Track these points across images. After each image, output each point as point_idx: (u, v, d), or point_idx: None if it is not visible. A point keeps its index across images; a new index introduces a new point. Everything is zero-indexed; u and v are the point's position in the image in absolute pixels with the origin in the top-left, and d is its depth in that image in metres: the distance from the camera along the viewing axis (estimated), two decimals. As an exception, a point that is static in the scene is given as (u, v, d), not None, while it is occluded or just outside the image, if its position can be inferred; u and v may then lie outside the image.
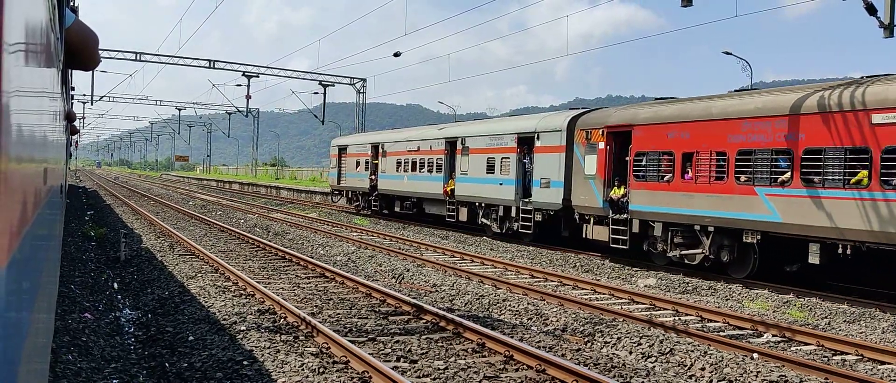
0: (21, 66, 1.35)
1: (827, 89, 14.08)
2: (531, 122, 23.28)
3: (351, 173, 36.69)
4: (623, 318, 11.12)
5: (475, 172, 25.16)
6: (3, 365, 1.19)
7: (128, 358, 8.77)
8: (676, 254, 16.80)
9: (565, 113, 21.97)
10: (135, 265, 16.12)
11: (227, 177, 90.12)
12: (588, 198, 19.28)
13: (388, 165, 32.04)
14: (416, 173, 29.56)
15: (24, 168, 1.51)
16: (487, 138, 24.83)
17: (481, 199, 24.79)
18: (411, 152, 30.08)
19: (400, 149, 31.31)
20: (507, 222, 23.59)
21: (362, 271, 16.05)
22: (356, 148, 36.43)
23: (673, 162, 16.81)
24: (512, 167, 23.25)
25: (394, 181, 31.56)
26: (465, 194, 25.84)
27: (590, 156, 19.32)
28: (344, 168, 37.57)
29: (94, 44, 3.93)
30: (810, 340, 10.25)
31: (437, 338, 9.54)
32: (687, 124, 16.62)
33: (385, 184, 32.46)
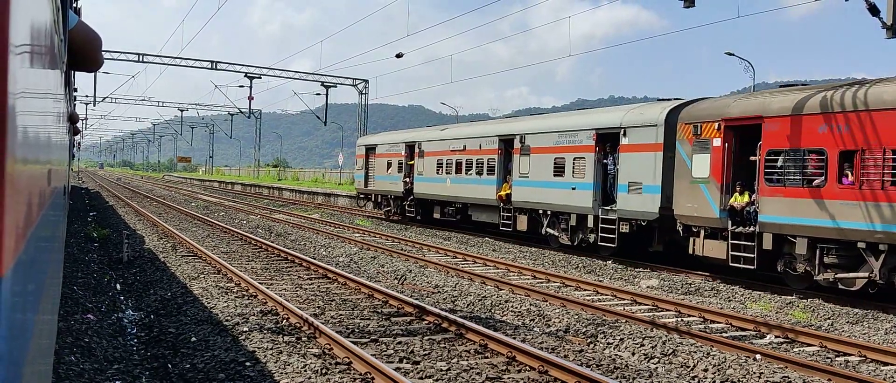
0: (26, 67, 1.36)
1: None
2: (614, 116, 19.94)
3: (380, 175, 33.30)
4: (625, 319, 11.11)
5: (539, 175, 21.88)
6: (10, 366, 1.20)
7: (130, 359, 8.78)
8: (828, 278, 13.73)
9: (661, 104, 18.81)
10: (137, 266, 16.14)
11: (230, 179, 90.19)
12: (697, 207, 16.10)
13: (426, 167, 28.92)
14: (461, 176, 26.44)
15: (29, 169, 1.52)
16: (555, 135, 21.48)
17: (547, 206, 21.51)
18: (455, 152, 26.89)
19: (441, 148, 28.15)
20: (581, 233, 20.30)
21: (364, 272, 16.05)
22: (387, 147, 33.07)
23: (825, 162, 13.77)
24: (589, 169, 19.95)
25: (433, 184, 28.44)
26: (524, 200, 22.57)
27: (700, 155, 16.20)
28: (372, 170, 34.31)
29: (98, 45, 3.93)
30: (813, 341, 10.23)
31: (440, 339, 9.54)
32: (847, 114, 13.45)
33: (422, 187, 29.31)
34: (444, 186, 27.62)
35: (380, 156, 33.59)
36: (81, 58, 3.85)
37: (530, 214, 22.57)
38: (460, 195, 26.54)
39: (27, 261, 1.53)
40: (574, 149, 20.66)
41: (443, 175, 27.71)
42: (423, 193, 29.30)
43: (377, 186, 33.77)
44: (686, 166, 16.60)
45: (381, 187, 33.29)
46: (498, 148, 24.57)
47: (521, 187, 22.85)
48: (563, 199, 20.87)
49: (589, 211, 19.87)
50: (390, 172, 32.14)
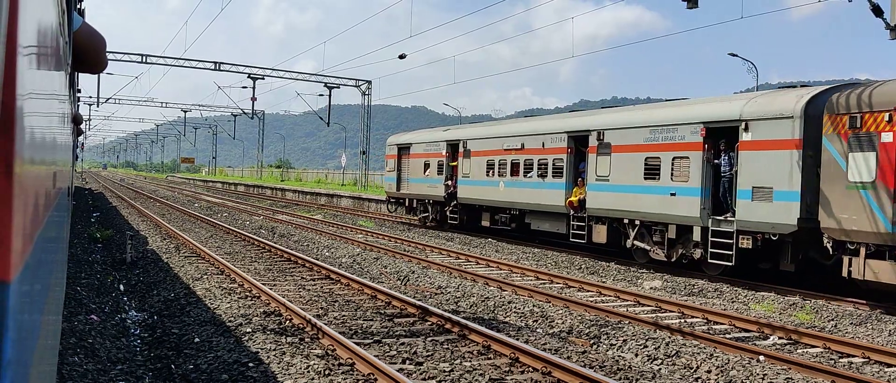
0: (32, 69, 1.36)
1: None
2: (730, 107, 16.39)
3: (416, 178, 30.11)
4: (629, 320, 11.10)
5: (623, 177, 18.66)
6: (17, 366, 1.20)
7: (134, 359, 8.79)
8: None
9: (795, 91, 15.53)
10: (141, 267, 16.16)
11: (233, 179, 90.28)
12: (856, 219, 13.18)
13: (474, 168, 25.80)
14: (517, 179, 23.25)
15: (35, 171, 1.52)
16: (645, 131, 18.15)
17: (634, 215, 18.26)
18: (510, 151, 23.66)
19: (491, 147, 24.94)
20: (683, 247, 17.04)
21: (368, 273, 16.06)
22: (424, 147, 29.82)
23: None
24: (694, 170, 16.56)
25: (482, 188, 25.28)
26: (603, 207, 19.30)
27: (859, 153, 13.26)
28: (406, 172, 31.06)
29: (102, 47, 3.94)
30: (817, 342, 10.22)
31: (443, 340, 9.54)
32: None
33: (468, 191, 26.19)
34: (495, 190, 24.43)
35: (415, 156, 30.36)
36: (86, 59, 3.86)
37: (610, 224, 19.22)
38: (517, 200, 23.31)
39: (34, 263, 1.53)
40: (673, 146, 17.22)
41: (494, 177, 24.51)
42: (469, 198, 26.22)
43: (412, 190, 30.53)
44: (838, 168, 13.61)
45: (417, 191, 30.09)
46: (567, 146, 21.16)
47: (598, 192, 19.53)
48: (657, 207, 17.56)
49: (695, 221, 16.48)
50: (428, 174, 29.07)
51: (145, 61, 51.33)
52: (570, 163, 21.13)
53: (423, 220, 30.15)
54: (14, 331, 1.14)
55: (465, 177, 26.50)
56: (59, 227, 3.34)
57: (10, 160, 1.07)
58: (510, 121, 26.98)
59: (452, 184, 27.38)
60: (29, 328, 1.46)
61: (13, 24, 1.08)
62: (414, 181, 30.40)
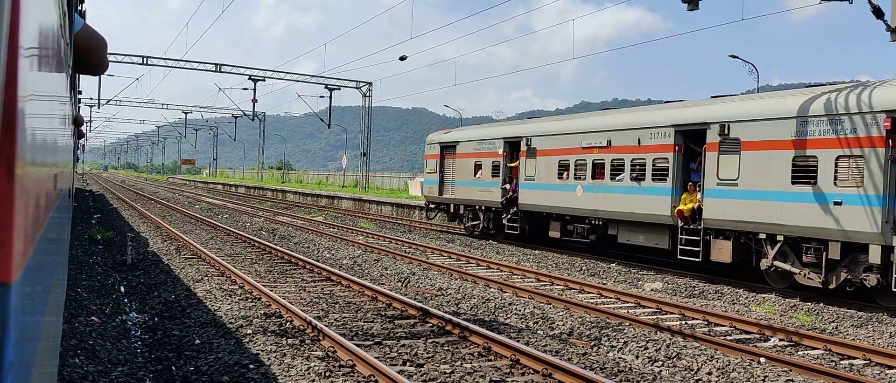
0: (34, 71, 1.36)
1: None
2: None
3: (463, 181, 26.60)
4: (629, 322, 11.10)
5: (759, 181, 15.11)
6: (19, 368, 1.20)
7: (134, 361, 8.79)
8: None
9: None
10: (141, 268, 16.17)
11: (234, 181, 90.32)
12: None
13: (541, 169, 22.29)
14: (601, 181, 19.75)
15: (37, 172, 1.52)
16: (793, 123, 14.52)
17: (777, 229, 14.74)
18: (591, 150, 20.16)
19: (565, 145, 21.43)
20: (847, 271, 13.65)
21: (368, 275, 16.06)
22: (474, 145, 26.12)
23: None
24: (873, 173, 13.08)
25: (552, 193, 21.73)
26: (729, 218, 15.77)
27: None
28: (451, 173, 27.59)
29: (103, 48, 3.95)
30: (817, 344, 10.21)
31: (443, 342, 9.54)
32: None
33: (533, 196, 22.69)
34: (570, 196, 20.87)
35: (463, 156, 26.69)
36: (86, 61, 3.86)
37: (737, 239, 15.78)
38: (600, 208, 19.73)
39: (35, 265, 1.54)
40: (836, 142, 13.73)
41: (568, 180, 21.03)
42: (534, 204, 22.67)
43: (458, 194, 26.97)
44: None
45: (465, 195, 26.55)
46: (674, 143, 17.49)
47: (722, 200, 15.95)
48: (812, 219, 14.04)
49: (871, 238, 13.02)
50: (480, 177, 25.53)
51: (146, 63, 51.35)
52: (678, 164, 17.48)
53: (472, 229, 26.65)
54: (15, 333, 1.14)
55: (528, 179, 22.94)
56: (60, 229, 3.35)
57: (11, 162, 1.07)
58: (590, 115, 22.22)
59: (512, 189, 23.81)
60: (30, 329, 1.46)
61: (14, 26, 1.08)
62: (461, 184, 26.79)
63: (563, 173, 21.43)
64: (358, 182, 63.25)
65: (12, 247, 1.07)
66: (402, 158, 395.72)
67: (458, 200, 27.15)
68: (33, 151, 1.40)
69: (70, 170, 6.28)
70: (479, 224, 26.05)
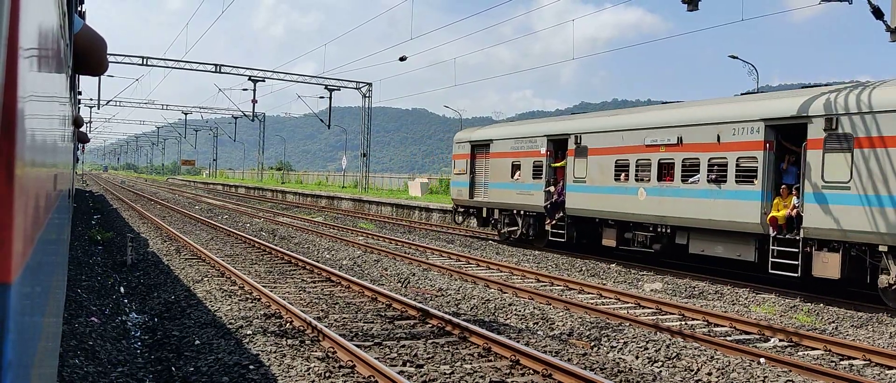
0: (33, 72, 1.37)
1: None
2: None
3: (499, 182, 24.24)
4: (629, 323, 11.10)
5: (879, 184, 13.06)
6: (18, 368, 1.20)
7: (134, 362, 8.79)
8: None
9: None
10: (141, 269, 16.17)
11: (233, 182, 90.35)
12: None
13: (594, 170, 20.00)
14: (669, 184, 17.43)
15: (37, 173, 1.52)
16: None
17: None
18: (657, 148, 17.86)
19: (623, 142, 19.15)
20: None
21: (368, 275, 16.06)
22: (512, 144, 23.75)
23: None
24: None
25: (608, 197, 19.44)
26: (836, 227, 13.70)
27: None
28: (483, 174, 25.38)
29: (103, 49, 3.95)
30: (817, 345, 10.21)
31: (443, 343, 9.54)
32: None
33: (584, 200, 20.28)
34: (630, 200, 18.57)
35: (498, 155, 24.33)
36: (86, 62, 3.87)
37: (847, 252, 13.60)
38: (669, 214, 17.43)
39: (34, 265, 1.54)
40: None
41: (627, 182, 18.74)
42: (585, 209, 20.29)
43: (492, 197, 24.63)
44: None
45: (501, 199, 24.18)
46: (764, 140, 15.32)
47: (827, 206, 13.83)
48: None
49: None
50: (520, 178, 23.15)
51: (146, 63, 51.35)
52: (769, 164, 15.31)
53: (507, 236, 24.22)
54: (15, 333, 1.14)
55: (578, 181, 20.55)
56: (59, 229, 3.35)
57: (10, 162, 1.08)
58: (654, 109, 19.90)
59: (557, 191, 21.47)
60: (30, 330, 1.46)
61: (14, 27, 1.08)
62: (496, 186, 24.40)
63: (620, 174, 19.09)
64: (358, 182, 63.27)
65: (12, 247, 1.07)
66: (402, 159, 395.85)
67: (492, 204, 24.71)
68: (33, 152, 1.41)
69: (70, 170, 6.28)
70: (516, 230, 23.55)
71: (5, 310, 1.07)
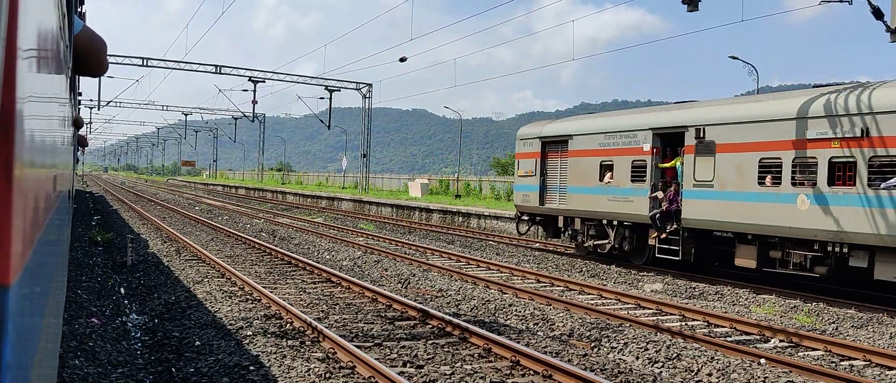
0: (33, 73, 1.36)
1: None
2: None
3: (581, 187, 20.34)
4: (629, 323, 11.10)
5: None
6: (17, 370, 1.20)
7: (134, 363, 8.79)
8: None
9: None
10: (141, 270, 16.16)
11: (234, 182, 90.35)
12: None
13: (725, 171, 15.93)
14: (845, 190, 13.68)
15: (36, 174, 1.52)
16: None
17: None
18: (826, 143, 14.04)
19: (772, 136, 15.08)
20: None
21: (368, 276, 16.06)
22: (599, 139, 19.77)
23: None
24: None
25: (748, 206, 15.37)
26: None
27: None
28: (556, 176, 21.45)
29: (103, 50, 3.95)
30: (818, 345, 10.21)
31: (444, 343, 9.54)
32: None
33: (709, 209, 16.33)
34: (783, 209, 14.71)
35: (581, 154, 20.46)
36: (86, 63, 3.86)
37: None
38: (848, 229, 13.58)
39: (34, 266, 1.54)
40: None
41: (780, 188, 14.82)
42: (711, 220, 16.32)
43: (573, 204, 20.65)
44: None
45: (584, 206, 20.20)
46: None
47: None
48: None
49: None
50: (612, 181, 19.21)
51: (146, 64, 51.35)
52: None
53: (592, 249, 20.31)
54: (14, 335, 1.14)
55: (701, 185, 16.56)
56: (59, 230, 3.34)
57: (9, 163, 1.07)
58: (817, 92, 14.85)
59: (668, 197, 17.54)
60: (29, 331, 1.46)
61: (13, 28, 1.08)
62: (577, 191, 20.45)
63: (766, 176, 15.16)
64: (358, 183, 63.28)
65: (11, 248, 1.07)
66: (402, 159, 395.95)
67: (572, 212, 20.68)
68: (32, 153, 1.40)
69: (70, 171, 6.28)
70: (605, 243, 19.62)
71: (4, 312, 1.06)
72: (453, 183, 53.23)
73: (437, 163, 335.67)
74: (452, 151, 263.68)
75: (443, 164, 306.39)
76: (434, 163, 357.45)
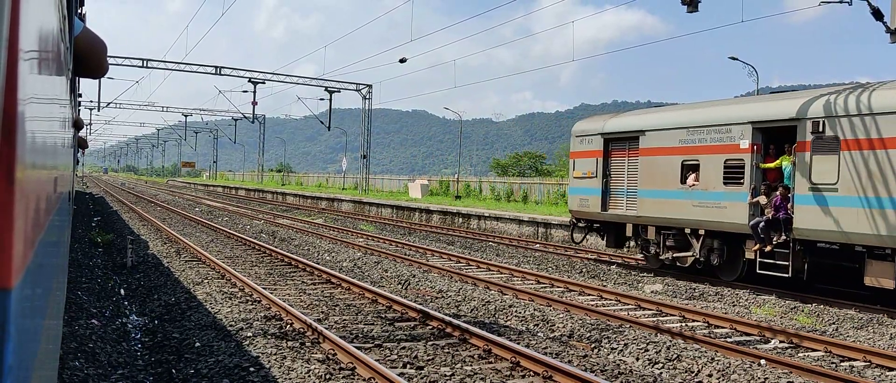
0: (34, 74, 1.37)
1: None
2: None
3: (656, 190, 17.59)
4: (630, 324, 11.09)
5: None
6: (18, 371, 1.20)
7: (134, 364, 8.79)
8: None
9: None
10: (141, 271, 16.16)
11: (234, 183, 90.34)
12: None
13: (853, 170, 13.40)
14: None
15: (37, 176, 1.52)
16: None
17: None
18: None
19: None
20: None
21: (368, 277, 16.05)
22: (681, 135, 16.97)
23: None
24: None
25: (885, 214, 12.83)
26: None
27: None
28: (623, 178, 18.78)
29: (103, 52, 3.95)
30: (818, 346, 10.21)
31: (444, 344, 9.54)
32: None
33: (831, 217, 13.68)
34: None
35: (657, 151, 17.66)
36: (87, 64, 3.87)
37: None
38: None
39: (35, 269, 1.54)
40: None
41: None
42: (837, 231, 13.62)
43: (646, 209, 17.92)
44: None
45: (661, 212, 17.47)
46: None
47: None
48: None
49: None
50: (697, 184, 16.54)
51: (146, 66, 51.36)
52: None
53: (671, 262, 17.46)
54: (15, 337, 1.14)
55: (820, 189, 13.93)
56: (60, 232, 3.35)
57: (11, 165, 1.07)
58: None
59: (773, 203, 14.78)
60: (30, 333, 1.46)
61: (14, 30, 1.08)
62: (652, 195, 17.71)
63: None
64: (358, 184, 63.28)
65: (12, 252, 1.07)
66: (402, 160, 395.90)
67: (645, 219, 17.94)
68: (33, 155, 1.41)
69: (70, 172, 6.28)
70: (688, 256, 16.87)
71: (6, 315, 1.07)
72: (453, 184, 53.24)
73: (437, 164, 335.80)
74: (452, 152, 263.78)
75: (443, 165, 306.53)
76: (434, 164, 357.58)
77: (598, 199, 19.38)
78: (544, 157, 71.87)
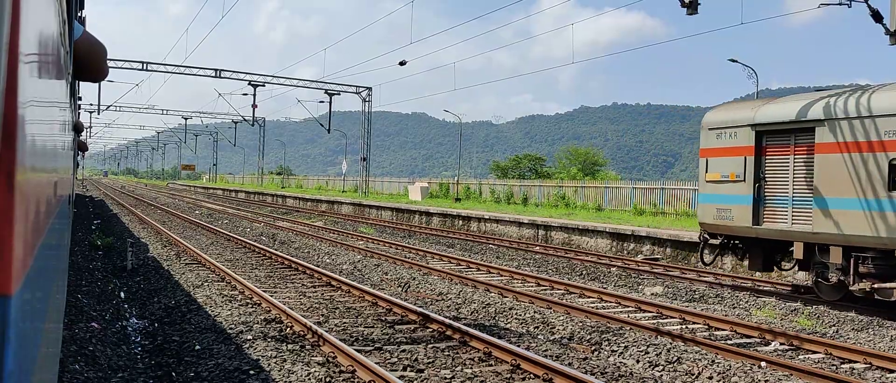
0: (34, 78, 1.37)
1: None
2: None
3: (841, 199, 13.30)
4: (630, 327, 11.09)
5: None
6: (19, 376, 1.20)
7: (134, 367, 8.78)
8: None
9: None
10: (141, 274, 16.15)
11: (234, 186, 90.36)
12: None
13: None
14: None
15: (37, 180, 1.52)
16: None
17: None
18: None
19: None
20: None
21: (368, 280, 16.05)
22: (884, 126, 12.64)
23: None
24: None
25: None
26: None
27: None
28: (788, 183, 14.51)
29: (103, 56, 3.96)
30: (818, 348, 10.20)
31: (444, 347, 9.53)
32: None
33: None
34: None
35: (841, 148, 13.41)
36: (87, 68, 3.87)
37: None
38: None
39: (35, 273, 1.54)
40: None
41: None
42: None
43: (829, 224, 13.55)
44: None
45: (854, 228, 13.11)
46: None
47: None
48: None
49: None
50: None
51: (146, 69, 51.38)
52: None
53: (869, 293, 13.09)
54: (15, 342, 1.14)
55: None
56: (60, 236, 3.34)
57: (11, 170, 1.07)
58: None
59: None
60: (30, 337, 1.46)
61: (14, 34, 1.08)
62: (837, 205, 13.41)
63: None
64: (358, 187, 63.29)
65: (12, 257, 1.07)
66: (401, 163, 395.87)
67: (828, 237, 13.64)
68: (34, 159, 1.41)
69: (70, 176, 6.28)
70: None
71: (6, 321, 1.06)
72: (453, 186, 53.24)
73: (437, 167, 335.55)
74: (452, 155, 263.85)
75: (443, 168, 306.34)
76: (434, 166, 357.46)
77: (747, 210, 15.10)
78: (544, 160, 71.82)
